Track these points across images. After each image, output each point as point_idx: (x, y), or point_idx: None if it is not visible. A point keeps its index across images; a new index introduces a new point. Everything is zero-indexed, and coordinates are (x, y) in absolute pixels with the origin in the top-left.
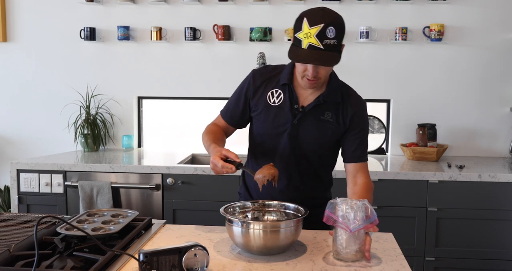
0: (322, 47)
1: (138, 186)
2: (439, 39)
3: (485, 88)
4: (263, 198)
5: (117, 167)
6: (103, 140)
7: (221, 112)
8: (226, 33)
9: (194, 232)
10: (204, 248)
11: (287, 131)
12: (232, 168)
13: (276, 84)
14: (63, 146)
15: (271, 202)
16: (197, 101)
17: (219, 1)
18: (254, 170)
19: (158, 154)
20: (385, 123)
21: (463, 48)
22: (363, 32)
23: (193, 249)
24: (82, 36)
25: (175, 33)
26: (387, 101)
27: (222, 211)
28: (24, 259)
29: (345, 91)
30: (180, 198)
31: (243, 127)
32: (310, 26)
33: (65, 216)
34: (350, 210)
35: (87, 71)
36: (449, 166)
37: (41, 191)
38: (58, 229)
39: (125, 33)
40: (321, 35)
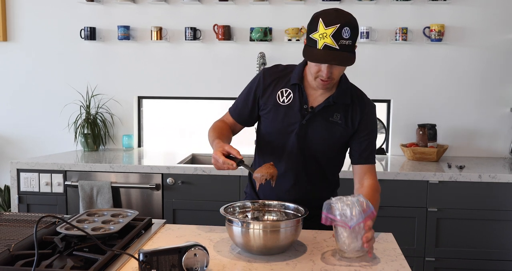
0: (337, 47)
1: (138, 186)
2: (439, 40)
3: (485, 88)
4: (269, 197)
5: (117, 166)
6: (103, 140)
7: (229, 110)
8: (226, 33)
9: (194, 232)
10: (204, 248)
11: (295, 131)
12: (233, 165)
13: (286, 83)
14: (63, 146)
15: (271, 202)
16: (197, 101)
17: (219, 1)
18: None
19: (158, 153)
20: (385, 123)
21: (464, 49)
22: (363, 32)
23: (193, 249)
24: (83, 36)
25: (175, 33)
26: (387, 101)
27: (222, 211)
28: (24, 259)
29: (355, 93)
30: (180, 197)
31: (251, 125)
32: (326, 27)
33: (65, 215)
34: (346, 207)
35: (87, 71)
36: (449, 166)
37: (41, 191)
38: (58, 229)
39: (125, 33)
40: (336, 36)
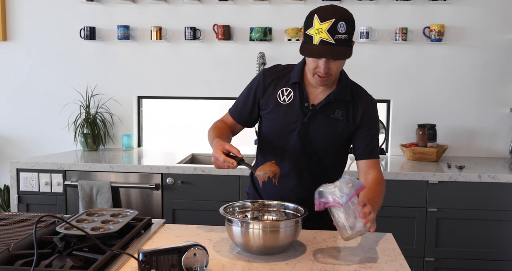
0: (333, 42)
1: (137, 186)
2: (439, 40)
3: (485, 88)
4: (273, 197)
5: (116, 166)
6: (103, 140)
7: (229, 110)
8: (226, 33)
9: (193, 232)
10: (204, 248)
11: (297, 130)
12: (234, 163)
13: (286, 82)
14: (63, 145)
15: (271, 202)
16: (197, 101)
17: (219, 0)
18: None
19: (157, 153)
20: (385, 123)
21: (463, 49)
22: (363, 32)
23: (192, 249)
24: (82, 36)
25: (175, 33)
26: (387, 101)
27: (221, 211)
28: (23, 258)
29: (355, 89)
30: (179, 197)
31: (251, 126)
32: (321, 22)
33: (64, 215)
34: (334, 188)
35: (87, 71)
36: (449, 166)
37: (40, 190)
38: (57, 228)
39: (125, 33)
40: (332, 30)
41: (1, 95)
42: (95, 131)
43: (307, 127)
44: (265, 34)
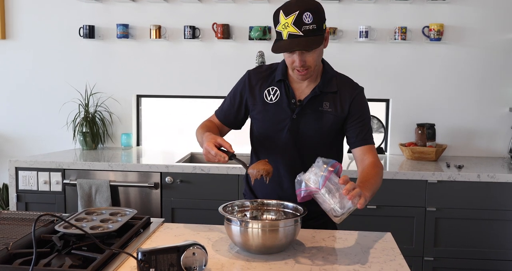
0: (301, 33)
1: (136, 185)
2: (438, 39)
3: (484, 88)
4: (269, 196)
5: (115, 165)
6: (102, 138)
7: (215, 112)
8: (225, 31)
9: (192, 231)
10: (203, 247)
11: (287, 127)
12: (225, 158)
13: (272, 82)
14: (62, 144)
15: (270, 201)
16: (196, 99)
17: None
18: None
19: (157, 152)
20: (384, 123)
21: (463, 48)
22: (362, 31)
23: (191, 248)
24: (81, 34)
25: (174, 32)
26: (386, 101)
27: (220, 210)
28: (22, 257)
29: (340, 79)
30: (178, 196)
31: (237, 128)
32: (286, 16)
33: (63, 214)
34: (310, 174)
35: (86, 69)
36: (448, 166)
37: (39, 189)
38: (56, 227)
39: (124, 31)
40: (298, 22)
41: (0, 94)
42: (94, 130)
43: (297, 124)
44: (265, 33)
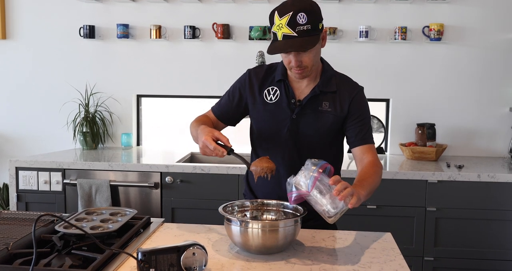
0: (295, 34)
1: (136, 184)
2: (438, 39)
3: (484, 88)
4: (269, 196)
5: (116, 165)
6: (102, 138)
7: (211, 108)
8: (225, 31)
9: (192, 231)
10: (203, 247)
11: (287, 127)
12: (224, 153)
13: (272, 81)
14: (62, 144)
15: (270, 201)
16: (196, 99)
17: None
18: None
19: (157, 152)
20: (384, 122)
21: (463, 48)
22: (362, 31)
23: (191, 248)
24: (82, 34)
25: (175, 32)
26: (386, 100)
27: (220, 210)
28: (22, 257)
29: (339, 79)
30: (178, 196)
31: (232, 125)
32: (280, 17)
33: (63, 214)
34: (300, 177)
35: (86, 69)
36: (448, 166)
37: (39, 189)
38: (56, 227)
39: (125, 31)
40: (292, 23)
41: (0, 94)
42: (94, 130)
43: (296, 124)
44: (265, 33)
